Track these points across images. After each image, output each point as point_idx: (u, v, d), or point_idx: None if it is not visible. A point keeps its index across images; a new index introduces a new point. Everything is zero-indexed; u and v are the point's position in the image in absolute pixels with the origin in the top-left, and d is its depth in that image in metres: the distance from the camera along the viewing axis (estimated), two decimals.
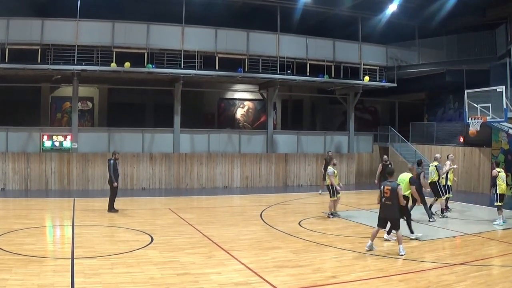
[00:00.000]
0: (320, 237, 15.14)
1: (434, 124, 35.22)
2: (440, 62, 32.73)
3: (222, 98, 38.37)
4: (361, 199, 26.91)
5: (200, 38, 28.49)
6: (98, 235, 14.72)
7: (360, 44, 32.71)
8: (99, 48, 26.28)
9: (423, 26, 33.68)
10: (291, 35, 31.10)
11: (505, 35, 28.78)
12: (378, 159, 36.15)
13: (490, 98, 25.13)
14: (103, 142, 27.91)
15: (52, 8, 27.88)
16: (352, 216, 19.95)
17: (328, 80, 31.15)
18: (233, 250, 13.05)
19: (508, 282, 10.68)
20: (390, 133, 36.34)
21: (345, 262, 12.22)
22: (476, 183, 29.84)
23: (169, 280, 10.15)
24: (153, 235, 14.72)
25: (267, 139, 31.49)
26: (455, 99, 35.28)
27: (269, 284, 10.12)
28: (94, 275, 10.30)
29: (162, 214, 19.70)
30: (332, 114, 41.37)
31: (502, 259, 12.79)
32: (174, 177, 29.13)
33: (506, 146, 28.48)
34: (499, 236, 16.01)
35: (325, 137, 33.76)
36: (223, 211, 21.28)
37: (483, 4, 29.97)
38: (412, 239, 14.82)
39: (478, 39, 30.93)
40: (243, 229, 16.60)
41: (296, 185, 31.71)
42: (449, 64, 32.34)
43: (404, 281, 10.65)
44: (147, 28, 27.33)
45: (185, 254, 12.58)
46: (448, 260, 12.25)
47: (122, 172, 27.70)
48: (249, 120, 38.77)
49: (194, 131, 30.00)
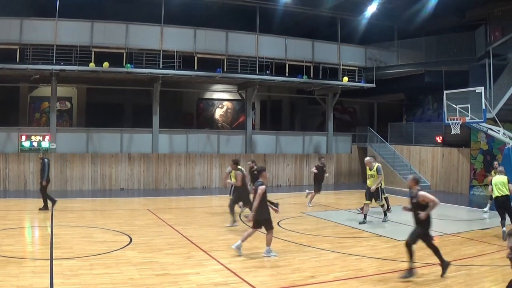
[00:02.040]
0: (299, 237, 15.17)
1: (413, 125, 35.39)
2: (419, 63, 32.94)
3: (201, 99, 38.32)
4: (340, 199, 27.00)
5: (179, 38, 28.46)
6: (77, 236, 14.61)
7: (339, 44, 32.87)
8: (78, 48, 26.15)
9: (403, 27, 33.93)
10: (270, 36, 31.18)
11: (484, 36, 29.02)
12: (357, 160, 36.44)
13: (469, 99, 25.32)
14: (82, 142, 27.80)
15: (31, 8, 27.70)
16: (331, 216, 20.03)
17: (307, 80, 31.27)
18: (212, 251, 13.04)
19: (487, 281, 10.79)
20: (368, 134, 36.49)
21: (324, 262, 12.25)
22: (455, 184, 30.06)
23: (148, 281, 10.12)
24: (132, 236, 14.66)
25: (246, 139, 31.56)
26: (434, 100, 35.54)
27: (248, 284, 10.13)
28: (73, 276, 10.24)
29: (140, 214, 19.61)
30: (311, 115, 41.47)
31: (481, 259, 12.88)
32: (152, 178, 29.05)
33: (485, 146, 28.75)
34: (478, 236, 16.13)
35: (304, 138, 33.90)
36: (202, 211, 21.19)
37: (463, 5, 30.21)
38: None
39: (457, 40, 31.13)
40: (222, 229, 16.56)
41: (275, 185, 31.75)
42: (428, 65, 32.56)
43: (382, 281, 10.71)
44: (126, 28, 27.25)
45: (164, 254, 12.53)
46: (427, 260, 12.30)
47: (101, 173, 27.63)
48: (228, 120, 38.76)
49: (172, 131, 29.98)
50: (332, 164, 34.76)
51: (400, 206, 16.87)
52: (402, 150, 34.16)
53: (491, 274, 11.42)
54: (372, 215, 19.00)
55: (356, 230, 16.95)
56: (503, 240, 15.02)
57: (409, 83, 34.88)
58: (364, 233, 16.48)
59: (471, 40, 30.52)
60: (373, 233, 16.43)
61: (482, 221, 19.74)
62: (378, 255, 13.11)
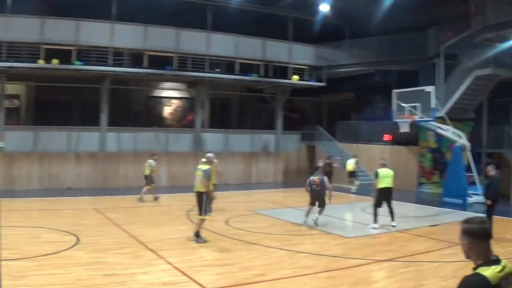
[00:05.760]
0: (247, 235, 15.30)
1: (362, 123, 35.88)
2: (370, 63, 33.50)
3: (150, 96, 38.04)
4: (288, 197, 27.27)
5: (129, 35, 28.33)
6: (25, 236, 14.44)
7: (290, 43, 33.11)
8: (27, 45, 25.80)
9: (354, 27, 34.36)
10: (221, 34, 31.20)
11: (436, 37, 29.60)
12: (306, 158, 36.74)
13: (419, 98, 25.75)
14: (29, 141, 27.29)
15: None
16: (279, 214, 20.25)
17: (257, 79, 31.52)
18: (160, 250, 13.05)
19: (437, 277, 10.99)
20: (317, 132, 36.85)
21: (273, 260, 12.38)
22: (402, 181, 30.44)
23: (97, 281, 10.10)
24: (79, 236, 14.53)
25: (194, 137, 31.54)
26: (384, 99, 35.98)
27: (197, 283, 10.18)
28: (21, 277, 10.16)
29: (88, 214, 19.45)
30: (260, 113, 41.61)
31: (430, 255, 13.10)
32: (100, 177, 28.81)
33: (434, 145, 29.34)
34: (427, 233, 16.52)
35: (253, 136, 34.05)
36: (149, 210, 21.18)
37: (415, 6, 30.56)
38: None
39: (408, 40, 31.75)
40: (170, 228, 16.59)
41: (224, 183, 31.77)
42: (378, 65, 33.11)
43: (331, 278, 10.88)
44: (76, 25, 26.97)
45: (112, 254, 12.50)
46: (376, 257, 12.55)
47: (48, 172, 27.32)
48: (177, 118, 38.61)
49: (121, 130, 29.72)
50: (281, 163, 35.01)
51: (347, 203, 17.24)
52: (350, 148, 34.56)
53: (440, 270, 11.67)
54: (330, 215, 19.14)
55: (304, 227, 17.13)
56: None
57: (359, 82, 35.39)
58: (313, 230, 16.70)
59: (423, 40, 31.17)
60: (321, 230, 16.65)
61: (431, 218, 20.13)
62: (327, 253, 13.24)
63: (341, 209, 20.23)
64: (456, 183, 24.40)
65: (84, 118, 32.75)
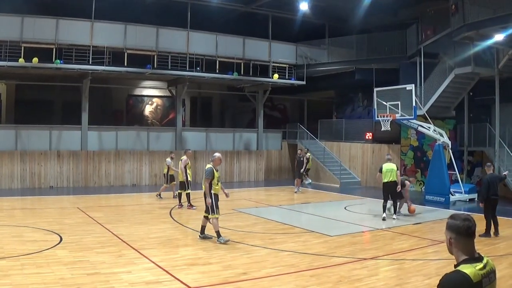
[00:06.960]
0: (230, 234, 15.24)
1: (343, 122, 36.02)
2: (350, 61, 33.58)
3: (131, 95, 37.93)
4: (271, 195, 27.30)
5: (109, 33, 28.14)
6: (7, 235, 14.35)
7: (270, 42, 33.14)
8: (7, 43, 25.59)
9: (334, 25, 34.45)
10: (201, 32, 31.12)
11: (416, 35, 29.71)
12: (287, 156, 36.86)
13: (399, 96, 25.79)
14: (10, 139, 27.08)
15: None
16: (262, 212, 20.29)
17: (238, 77, 31.48)
18: (143, 249, 13.03)
19: (420, 275, 11.02)
20: (299, 130, 36.93)
21: (256, 259, 12.38)
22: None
23: (80, 280, 10.05)
24: (62, 235, 14.48)
25: (176, 136, 31.49)
26: (364, 97, 36.20)
27: (180, 282, 10.18)
28: (4, 276, 10.11)
29: (70, 213, 19.33)
30: (241, 112, 41.68)
31: (413, 253, 13.18)
32: (82, 175, 28.68)
33: (415, 143, 29.51)
34: (410, 231, 16.59)
35: (234, 134, 34.09)
36: (132, 209, 21.13)
37: (395, 4, 30.71)
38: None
39: (389, 38, 31.86)
40: (153, 227, 16.54)
41: None
42: (358, 63, 33.17)
43: (315, 276, 10.88)
44: (56, 23, 26.77)
45: (94, 253, 12.44)
46: (359, 255, 12.60)
47: (30, 171, 27.16)
48: (158, 117, 38.54)
49: (102, 128, 29.64)
50: (263, 161, 35.06)
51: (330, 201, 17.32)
52: (332, 147, 34.74)
53: (424, 268, 11.72)
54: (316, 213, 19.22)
55: (287, 226, 17.21)
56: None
57: (339, 81, 35.40)
58: (295, 229, 16.77)
59: (403, 38, 31.29)
60: (304, 229, 16.72)
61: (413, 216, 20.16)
62: (310, 251, 13.28)
63: (323, 207, 20.28)
64: (438, 181, 24.50)
65: (65, 116, 32.64)
